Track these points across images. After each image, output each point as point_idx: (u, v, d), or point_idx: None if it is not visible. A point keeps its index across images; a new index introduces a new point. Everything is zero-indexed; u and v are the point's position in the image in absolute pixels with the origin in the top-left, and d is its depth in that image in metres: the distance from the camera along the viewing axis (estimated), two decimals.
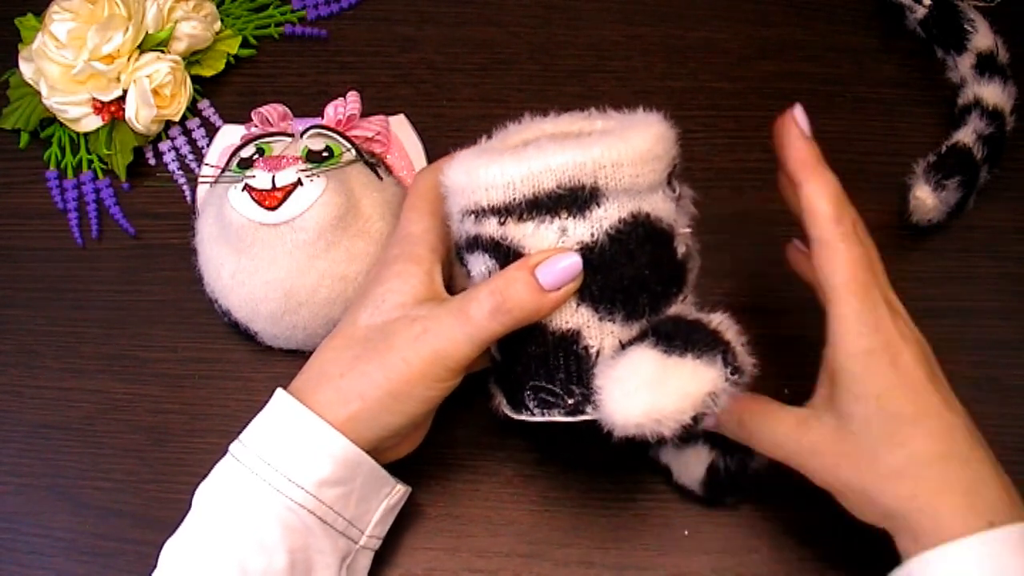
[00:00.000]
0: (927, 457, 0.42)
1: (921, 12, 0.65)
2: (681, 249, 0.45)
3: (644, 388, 0.39)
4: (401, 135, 0.62)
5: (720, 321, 0.42)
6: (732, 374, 0.40)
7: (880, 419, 0.43)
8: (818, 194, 0.43)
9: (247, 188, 0.52)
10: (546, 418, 0.44)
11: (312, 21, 0.69)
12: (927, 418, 0.43)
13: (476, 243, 0.44)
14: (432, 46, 0.68)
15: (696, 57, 0.67)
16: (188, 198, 0.63)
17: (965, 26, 0.63)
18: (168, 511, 0.55)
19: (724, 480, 0.51)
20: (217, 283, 0.56)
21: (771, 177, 0.63)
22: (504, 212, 0.42)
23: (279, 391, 0.46)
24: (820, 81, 0.66)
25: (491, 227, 0.43)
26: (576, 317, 0.43)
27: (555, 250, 0.42)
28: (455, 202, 0.45)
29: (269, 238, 0.52)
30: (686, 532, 0.53)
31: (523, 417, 0.45)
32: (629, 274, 0.42)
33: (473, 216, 0.43)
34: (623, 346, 0.42)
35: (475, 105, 0.66)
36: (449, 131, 0.64)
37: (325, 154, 0.55)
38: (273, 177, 0.52)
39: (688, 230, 0.45)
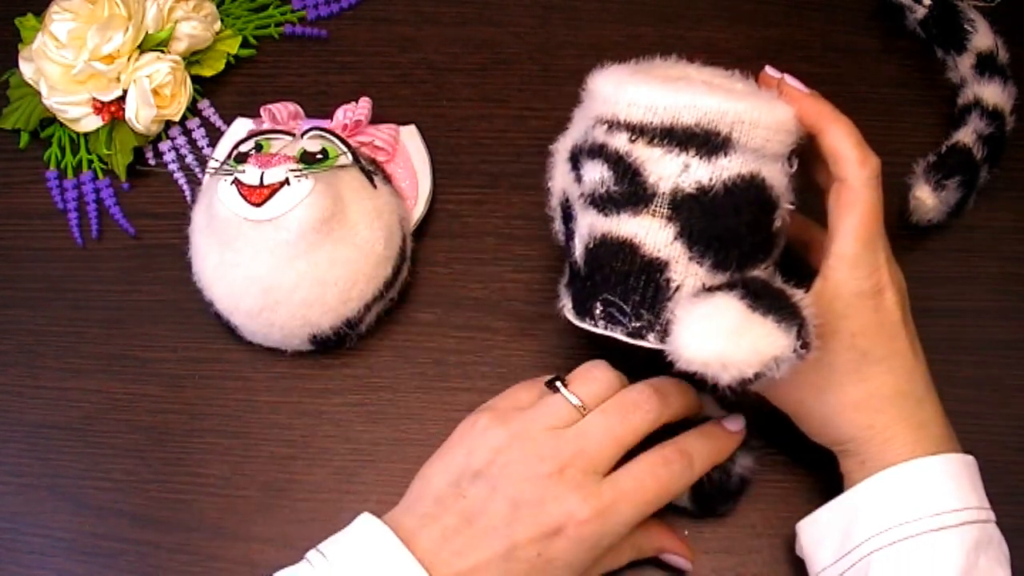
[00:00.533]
0: (888, 392, 0.46)
1: (921, 12, 0.65)
2: (778, 223, 0.46)
3: (723, 333, 0.41)
4: (409, 145, 0.62)
5: (801, 297, 0.43)
6: (801, 347, 0.42)
7: (851, 354, 0.46)
8: (842, 137, 0.46)
9: (236, 182, 0.53)
10: (607, 332, 0.46)
11: (312, 21, 0.69)
12: (893, 358, 0.46)
13: (600, 151, 0.45)
14: (432, 46, 0.68)
15: (696, 57, 0.67)
16: (188, 198, 0.63)
17: (965, 26, 0.63)
18: (168, 511, 0.55)
19: (710, 492, 0.51)
20: (202, 273, 0.56)
21: None
22: (638, 131, 0.44)
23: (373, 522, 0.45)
24: (820, 81, 0.66)
25: (620, 141, 0.44)
26: (669, 249, 0.44)
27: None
28: (593, 107, 0.46)
29: (252, 234, 0.53)
30: (686, 532, 0.53)
31: (585, 325, 0.47)
32: (731, 226, 0.44)
33: (607, 126, 0.45)
34: (705, 289, 0.44)
35: (475, 105, 0.66)
36: (449, 131, 0.64)
37: (320, 156, 0.55)
38: (262, 174, 0.52)
39: (791, 206, 0.47)
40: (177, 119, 0.64)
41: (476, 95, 0.66)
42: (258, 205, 0.52)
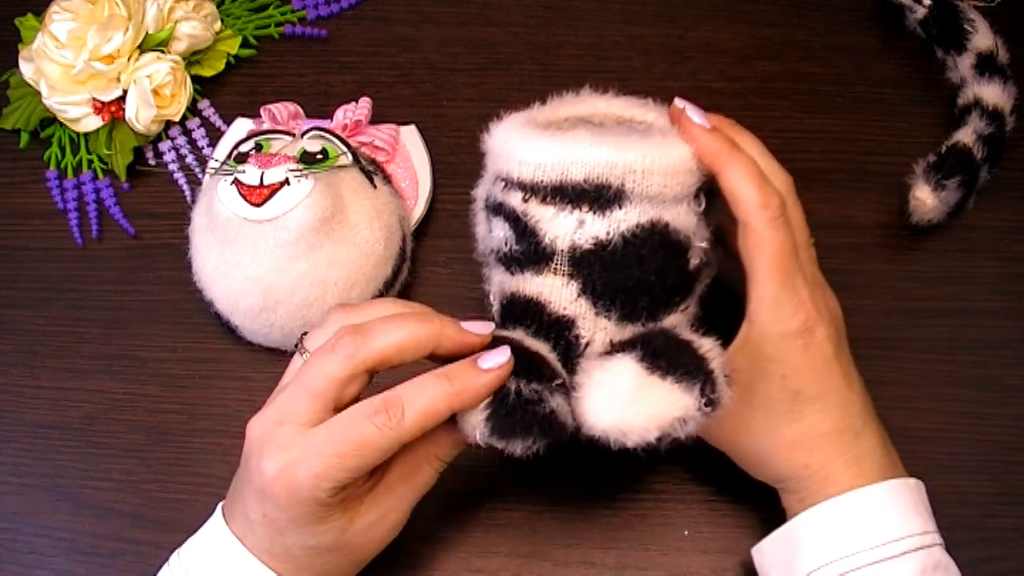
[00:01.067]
0: (822, 431, 0.45)
1: (921, 12, 0.65)
2: (695, 261, 0.45)
3: (618, 400, 0.40)
4: (409, 145, 0.62)
5: (710, 348, 0.42)
6: (706, 405, 0.40)
7: (783, 396, 0.45)
8: (740, 178, 0.43)
9: (236, 182, 0.53)
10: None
11: (312, 21, 0.69)
12: (826, 395, 0.45)
13: (500, 209, 0.45)
14: (432, 46, 0.68)
15: (696, 57, 0.67)
16: (188, 198, 0.63)
17: (965, 26, 0.63)
18: (168, 511, 0.55)
19: (511, 410, 0.41)
20: (202, 273, 0.56)
21: None
22: (530, 190, 0.43)
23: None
24: (820, 81, 0.66)
25: (516, 200, 0.44)
26: (574, 306, 0.43)
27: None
28: (491, 162, 0.46)
29: (252, 234, 0.53)
30: (686, 532, 0.53)
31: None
32: (635, 277, 0.43)
33: (504, 183, 0.44)
34: (612, 345, 0.43)
35: (475, 105, 0.66)
36: (449, 131, 0.64)
37: (320, 156, 0.55)
38: (262, 174, 0.52)
39: (705, 244, 0.45)
40: (177, 119, 0.64)
41: (476, 95, 0.66)
42: (258, 205, 0.52)
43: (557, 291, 0.43)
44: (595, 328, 0.43)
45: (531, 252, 0.43)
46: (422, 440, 0.44)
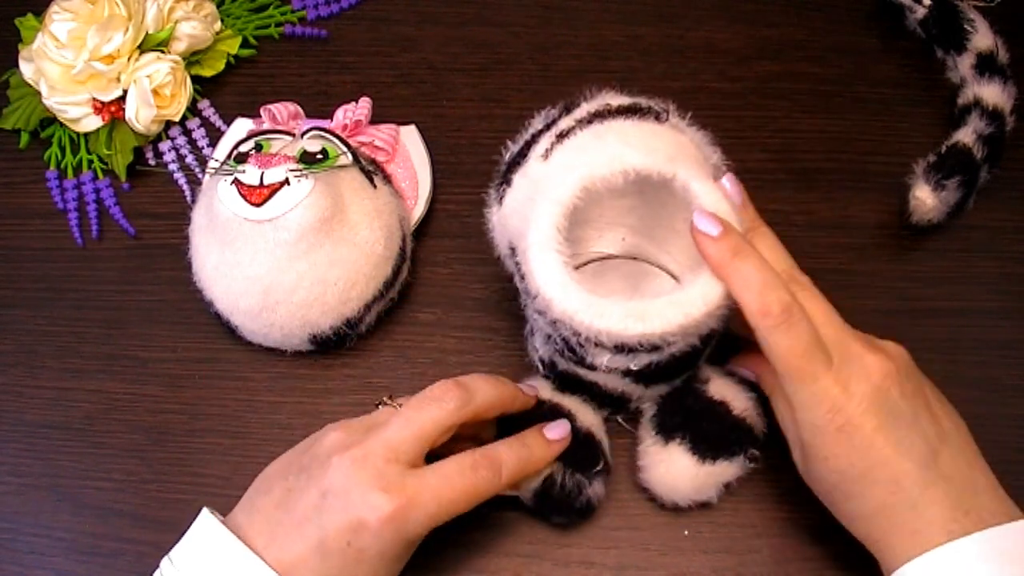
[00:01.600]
0: (875, 508, 0.45)
1: (921, 12, 0.65)
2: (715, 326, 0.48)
3: (680, 491, 0.51)
4: (409, 145, 0.62)
5: (745, 408, 0.51)
6: (750, 462, 0.51)
7: (832, 478, 0.46)
8: (741, 289, 0.44)
9: (236, 182, 0.53)
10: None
11: (312, 21, 0.69)
12: (874, 471, 0.44)
13: (551, 325, 0.47)
14: (432, 46, 0.68)
15: (696, 57, 0.67)
16: (188, 198, 0.63)
17: (965, 26, 0.63)
18: (168, 511, 0.55)
19: (556, 496, 0.51)
20: (202, 273, 0.56)
21: (772, 177, 0.63)
22: (585, 339, 0.45)
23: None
24: (820, 81, 0.66)
25: (567, 332, 0.46)
26: (624, 386, 0.51)
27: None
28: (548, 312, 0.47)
29: (252, 234, 0.53)
30: (686, 532, 0.53)
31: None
32: (677, 369, 0.50)
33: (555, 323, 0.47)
34: (660, 411, 0.52)
35: (475, 105, 0.66)
36: (449, 131, 0.64)
37: (320, 156, 0.55)
38: (262, 174, 0.52)
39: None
40: (177, 119, 0.64)
41: (476, 95, 0.66)
42: (258, 205, 0.52)
43: (611, 381, 0.50)
44: (644, 395, 0.52)
45: (583, 363, 0.49)
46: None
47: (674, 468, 0.50)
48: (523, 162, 0.49)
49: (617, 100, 0.49)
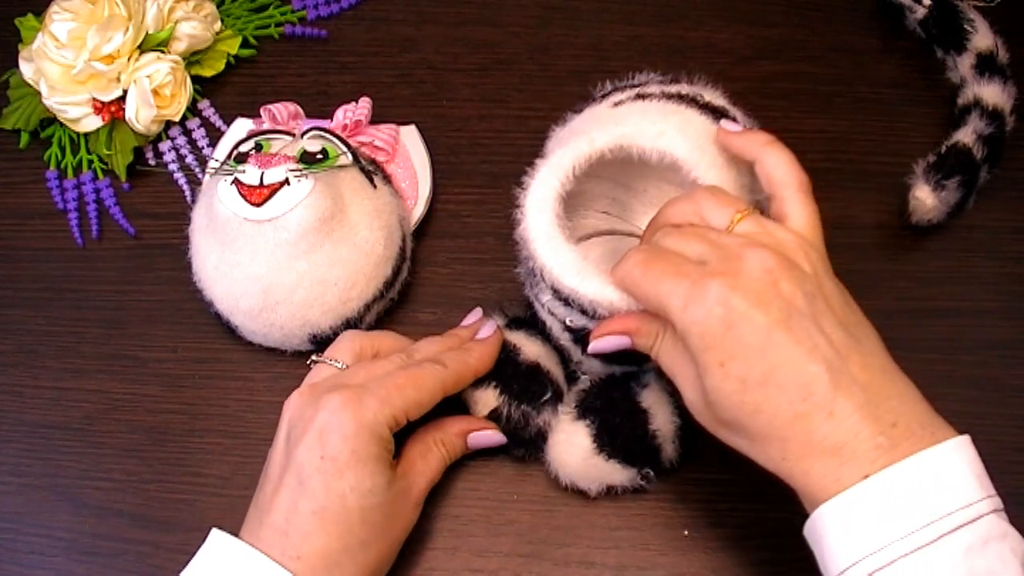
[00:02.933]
0: (785, 419, 0.39)
1: (921, 12, 0.65)
2: None
3: (571, 467, 0.51)
4: (409, 145, 0.62)
5: (662, 428, 0.51)
6: (641, 479, 0.52)
7: (733, 391, 0.40)
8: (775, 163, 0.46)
9: (236, 182, 0.53)
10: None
11: (312, 21, 0.69)
12: (777, 372, 0.39)
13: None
14: (432, 46, 0.68)
15: (696, 57, 0.67)
16: (188, 198, 0.63)
17: (965, 26, 0.63)
18: (168, 511, 0.55)
19: (505, 429, 0.52)
20: (202, 273, 0.56)
21: None
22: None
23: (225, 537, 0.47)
24: (820, 81, 0.66)
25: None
26: (564, 340, 0.52)
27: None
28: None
29: (252, 234, 0.53)
30: (686, 532, 0.53)
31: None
32: (611, 355, 0.49)
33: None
34: (593, 382, 0.52)
35: (475, 105, 0.66)
36: (449, 131, 0.64)
37: (320, 156, 0.55)
38: (262, 174, 0.52)
39: None
40: (177, 119, 0.64)
41: (476, 95, 0.66)
42: (258, 205, 0.52)
43: (555, 328, 0.51)
44: (584, 363, 0.52)
45: (536, 295, 0.51)
46: (432, 426, 0.52)
47: (571, 445, 0.51)
48: (601, 102, 0.53)
49: (711, 96, 0.53)
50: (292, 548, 0.45)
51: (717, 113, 0.51)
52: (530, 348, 0.53)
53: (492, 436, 0.52)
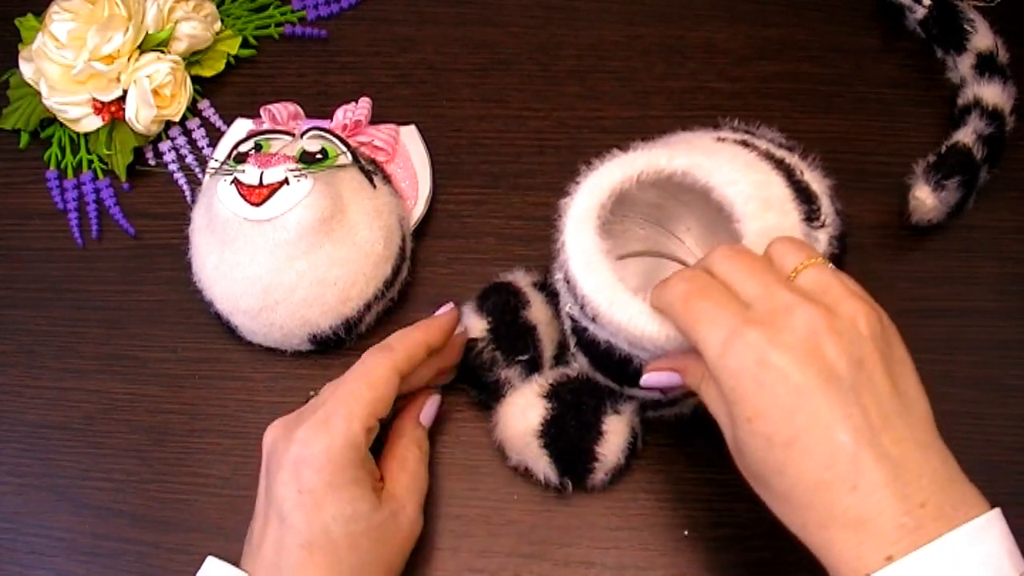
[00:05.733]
0: (808, 484, 0.38)
1: (921, 12, 0.65)
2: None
3: (507, 432, 0.52)
4: (409, 145, 0.62)
5: (608, 455, 0.51)
6: (560, 487, 0.52)
7: (759, 447, 0.39)
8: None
9: (235, 182, 0.53)
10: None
11: (312, 21, 0.69)
12: (804, 437, 0.38)
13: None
14: (432, 46, 0.68)
15: (696, 57, 0.67)
16: (188, 198, 0.63)
17: (965, 26, 0.63)
18: (168, 511, 0.55)
19: (471, 362, 0.53)
20: (202, 273, 0.56)
21: None
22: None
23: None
24: (820, 81, 0.66)
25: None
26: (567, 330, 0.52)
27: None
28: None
29: (252, 234, 0.53)
30: (686, 532, 0.53)
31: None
32: (608, 367, 0.50)
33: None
34: (575, 375, 0.52)
35: (475, 105, 0.66)
36: (449, 131, 0.64)
37: (319, 156, 0.55)
38: (261, 174, 0.53)
39: None
40: (177, 119, 0.64)
41: (476, 95, 0.66)
42: (258, 205, 0.52)
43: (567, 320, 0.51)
44: (577, 358, 0.52)
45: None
46: (392, 434, 0.52)
47: (520, 413, 0.51)
48: (712, 130, 0.55)
49: (767, 144, 0.52)
50: None
51: (804, 194, 0.49)
52: (538, 311, 0.54)
53: (434, 402, 0.54)
